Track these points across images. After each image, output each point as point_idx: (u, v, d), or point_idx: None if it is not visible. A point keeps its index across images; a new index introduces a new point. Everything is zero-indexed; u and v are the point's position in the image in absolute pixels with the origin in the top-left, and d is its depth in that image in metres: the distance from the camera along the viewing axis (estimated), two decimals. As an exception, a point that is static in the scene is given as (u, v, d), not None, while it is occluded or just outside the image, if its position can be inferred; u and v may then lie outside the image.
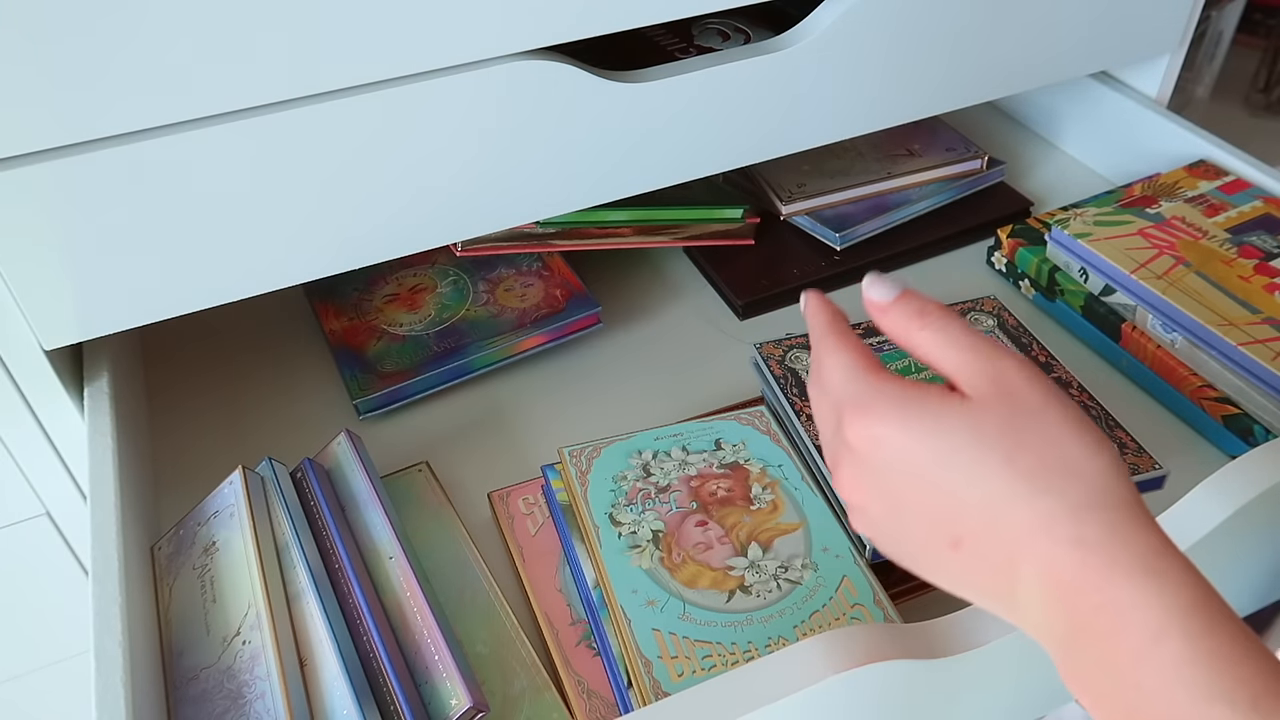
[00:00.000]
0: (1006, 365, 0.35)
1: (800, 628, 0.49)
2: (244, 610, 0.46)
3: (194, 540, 0.51)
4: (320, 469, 0.55)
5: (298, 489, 0.54)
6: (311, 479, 0.53)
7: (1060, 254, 0.69)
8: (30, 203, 0.46)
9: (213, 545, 0.50)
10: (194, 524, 0.52)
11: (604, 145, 0.58)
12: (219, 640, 0.46)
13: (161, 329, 0.55)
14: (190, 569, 0.50)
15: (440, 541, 0.55)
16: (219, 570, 0.49)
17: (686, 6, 0.55)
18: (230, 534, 0.49)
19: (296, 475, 0.54)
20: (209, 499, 0.52)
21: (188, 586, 0.49)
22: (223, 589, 0.48)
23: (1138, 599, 0.31)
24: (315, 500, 0.53)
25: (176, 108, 0.46)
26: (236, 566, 0.48)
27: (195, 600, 0.49)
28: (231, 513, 0.50)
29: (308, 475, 0.54)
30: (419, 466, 0.59)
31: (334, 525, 0.51)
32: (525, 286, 0.71)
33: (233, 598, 0.47)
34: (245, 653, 0.45)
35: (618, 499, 0.54)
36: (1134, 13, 0.72)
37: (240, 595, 0.47)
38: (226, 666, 0.45)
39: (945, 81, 0.67)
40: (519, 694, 0.48)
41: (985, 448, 0.34)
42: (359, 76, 0.49)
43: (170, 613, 0.49)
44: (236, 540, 0.49)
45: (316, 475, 0.54)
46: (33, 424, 0.56)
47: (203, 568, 0.49)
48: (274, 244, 0.53)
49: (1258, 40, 1.06)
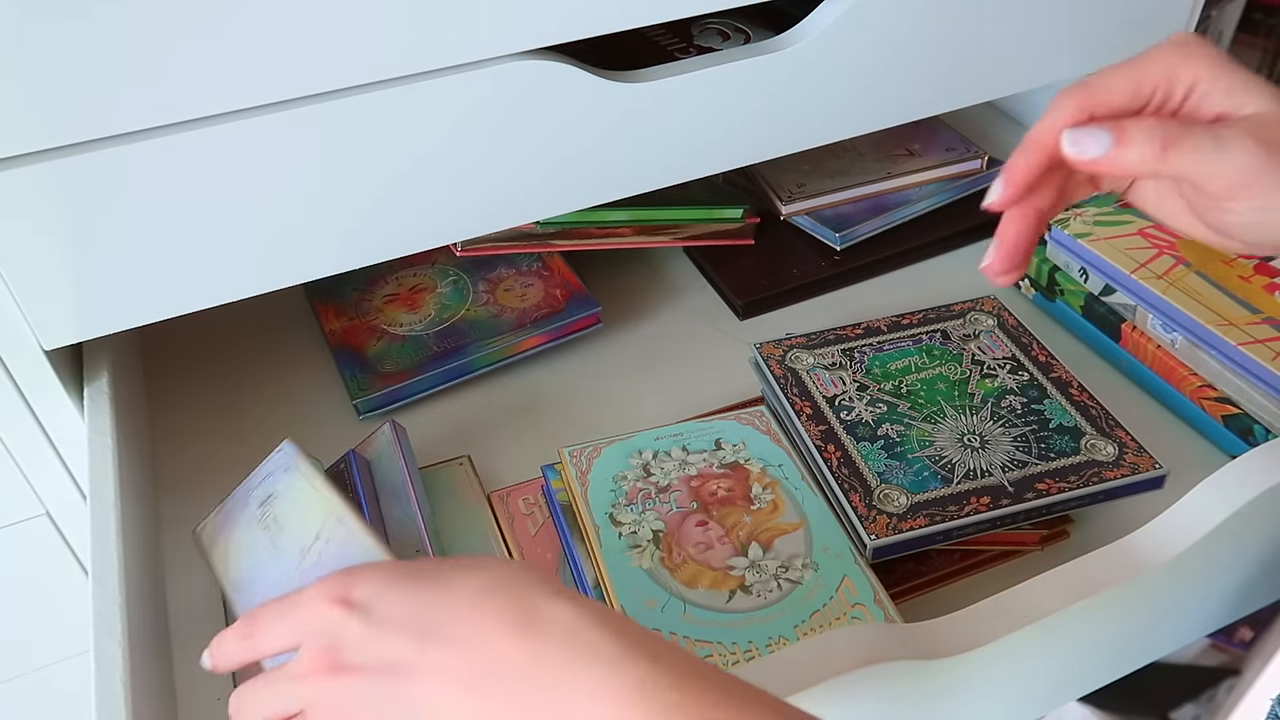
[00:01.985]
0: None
1: (801, 627, 0.49)
2: (320, 520, 0.45)
3: (247, 502, 0.49)
4: (362, 460, 0.56)
5: (338, 480, 0.54)
6: (353, 469, 0.54)
7: (1060, 254, 0.69)
8: (30, 203, 0.46)
9: (269, 498, 0.48)
10: (244, 492, 0.50)
11: (604, 145, 0.58)
12: (295, 553, 0.44)
13: (161, 329, 0.55)
14: (248, 523, 0.48)
15: (471, 535, 0.56)
16: (281, 511, 0.47)
17: (686, 6, 0.55)
18: (290, 480, 0.48)
19: (340, 467, 0.55)
20: (257, 470, 0.51)
21: (248, 536, 0.48)
22: (290, 520, 0.46)
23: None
24: (354, 490, 0.53)
25: (176, 108, 0.46)
26: (303, 497, 0.47)
27: (257, 540, 0.47)
28: (287, 467, 0.49)
29: (350, 466, 0.54)
30: (460, 460, 0.60)
31: (369, 518, 0.51)
32: (525, 286, 0.71)
33: (303, 520, 0.46)
34: (330, 549, 0.43)
35: (618, 499, 0.54)
36: (1134, 12, 0.72)
37: (312, 514, 0.45)
38: (309, 568, 0.43)
39: (945, 81, 0.67)
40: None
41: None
42: (359, 76, 0.49)
43: (228, 562, 0.47)
44: (298, 481, 0.47)
45: (358, 465, 0.55)
46: (33, 424, 0.56)
47: (263, 515, 0.48)
48: (274, 244, 0.53)
49: (1258, 40, 1.06)
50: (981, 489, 0.53)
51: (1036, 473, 0.54)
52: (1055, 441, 0.55)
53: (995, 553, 0.55)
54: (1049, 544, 0.56)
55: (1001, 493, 0.53)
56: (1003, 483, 0.53)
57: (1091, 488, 0.53)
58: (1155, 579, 0.46)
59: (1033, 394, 0.59)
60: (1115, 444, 0.55)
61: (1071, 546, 0.56)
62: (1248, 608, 0.57)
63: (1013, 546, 0.55)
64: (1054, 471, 0.54)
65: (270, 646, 0.37)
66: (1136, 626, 0.52)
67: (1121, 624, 0.50)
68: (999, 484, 0.53)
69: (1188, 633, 0.57)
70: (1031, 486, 0.53)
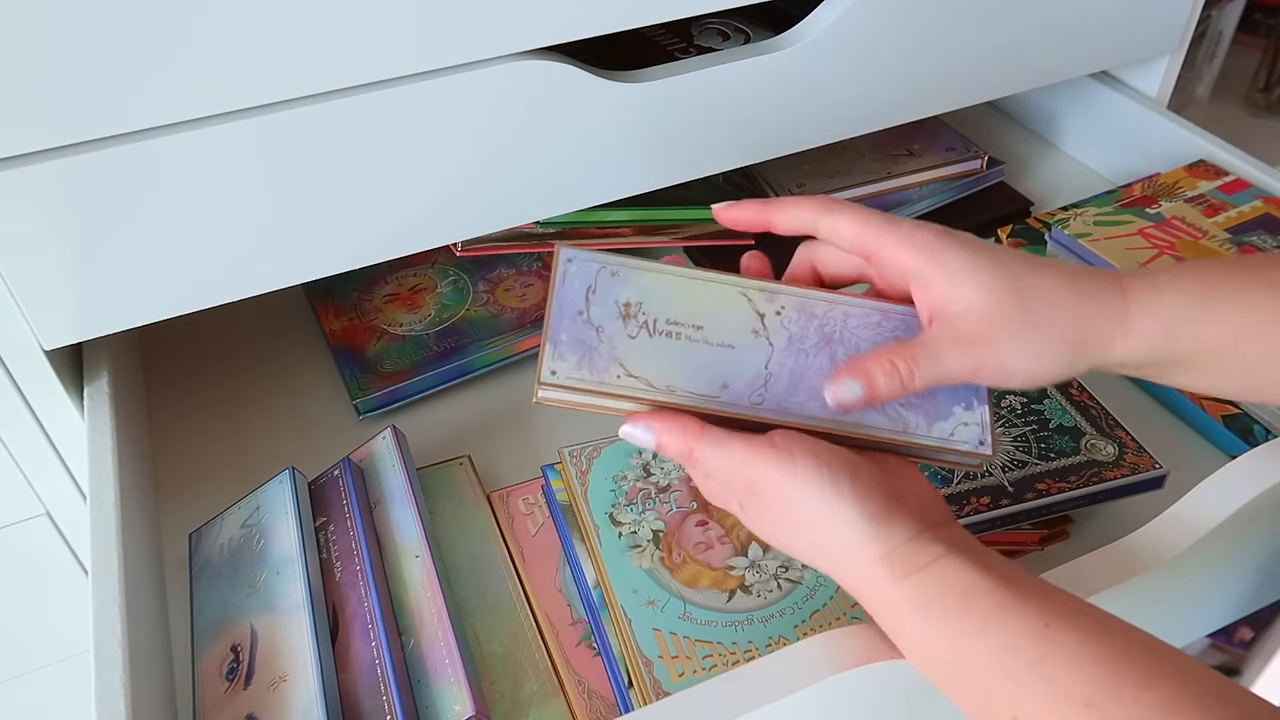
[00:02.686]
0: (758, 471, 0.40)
1: (801, 627, 0.49)
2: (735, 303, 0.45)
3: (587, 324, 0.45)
4: (356, 468, 0.55)
5: (333, 486, 0.54)
6: (347, 478, 0.54)
7: (1060, 254, 0.69)
8: (30, 203, 0.46)
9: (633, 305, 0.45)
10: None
11: (604, 145, 0.58)
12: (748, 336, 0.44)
13: (161, 329, 0.55)
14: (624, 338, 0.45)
15: (471, 536, 0.55)
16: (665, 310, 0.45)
17: (686, 6, 0.55)
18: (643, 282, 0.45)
19: (334, 473, 0.55)
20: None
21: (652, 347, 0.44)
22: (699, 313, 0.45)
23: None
24: (348, 499, 0.53)
25: (175, 108, 0.46)
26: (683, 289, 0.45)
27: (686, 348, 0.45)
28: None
29: (344, 474, 0.54)
30: (460, 460, 0.60)
31: (361, 526, 0.52)
32: (525, 286, 0.71)
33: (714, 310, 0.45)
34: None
35: (618, 499, 0.54)
36: (1134, 13, 0.72)
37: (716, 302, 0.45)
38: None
39: (945, 81, 0.67)
40: (527, 698, 0.48)
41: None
42: (359, 76, 0.49)
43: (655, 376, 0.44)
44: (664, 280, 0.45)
45: (352, 474, 0.54)
46: (33, 424, 0.56)
47: (642, 322, 0.45)
48: (274, 244, 0.53)
49: (1258, 40, 1.06)
50: (981, 489, 0.53)
51: (1036, 473, 0.54)
52: (1055, 441, 0.55)
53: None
54: (1049, 544, 0.56)
55: (1001, 493, 0.53)
56: (1002, 483, 0.53)
57: (1091, 488, 0.53)
58: (1155, 579, 0.46)
59: (1032, 394, 0.59)
60: (1115, 444, 0.55)
61: (1071, 546, 0.55)
62: (1248, 608, 0.57)
63: (1013, 546, 0.55)
64: (1054, 471, 0.54)
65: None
66: (1136, 626, 0.52)
67: (1121, 624, 0.50)
68: (999, 484, 0.53)
69: (1188, 633, 0.57)
70: (1031, 486, 0.53)
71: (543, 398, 0.42)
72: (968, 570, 0.38)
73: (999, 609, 0.37)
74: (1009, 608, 0.37)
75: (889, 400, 0.42)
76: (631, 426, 0.42)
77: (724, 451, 0.41)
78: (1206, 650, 0.87)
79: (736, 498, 0.42)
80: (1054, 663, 0.35)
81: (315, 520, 0.54)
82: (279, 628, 0.48)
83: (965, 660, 0.37)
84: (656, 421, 0.42)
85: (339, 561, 0.51)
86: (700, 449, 0.41)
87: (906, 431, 0.43)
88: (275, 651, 0.47)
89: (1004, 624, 0.36)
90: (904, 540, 0.39)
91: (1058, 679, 0.35)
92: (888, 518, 0.39)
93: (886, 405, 0.43)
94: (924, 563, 0.39)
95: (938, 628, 0.38)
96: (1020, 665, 0.35)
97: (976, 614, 0.37)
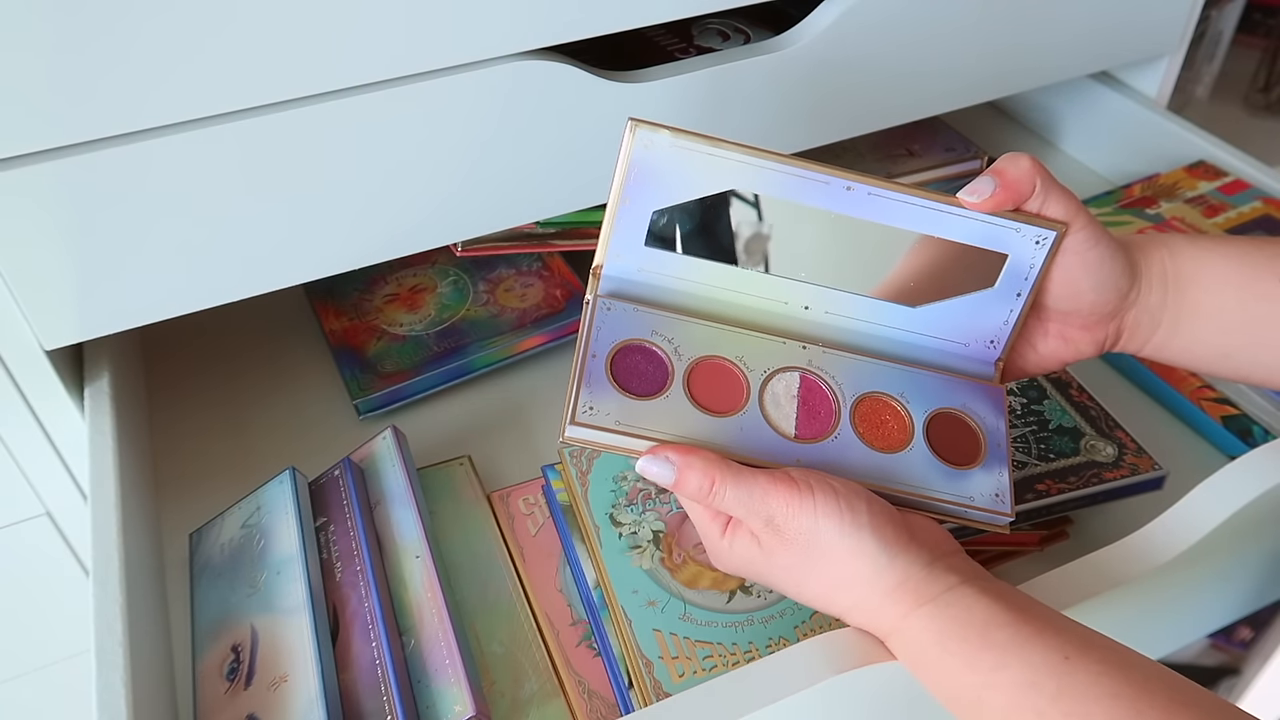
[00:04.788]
0: (773, 506, 0.41)
1: (801, 628, 0.49)
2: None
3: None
4: (356, 468, 0.55)
5: (333, 486, 0.54)
6: (348, 478, 0.54)
7: (1060, 254, 0.69)
8: (30, 203, 0.46)
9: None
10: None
11: (604, 145, 0.58)
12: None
13: (161, 329, 0.55)
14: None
15: (471, 536, 0.55)
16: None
17: (686, 6, 0.55)
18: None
19: (334, 473, 0.55)
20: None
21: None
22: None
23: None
24: (348, 499, 0.53)
25: (176, 108, 0.46)
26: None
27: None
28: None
29: (344, 474, 0.54)
30: (460, 460, 0.60)
31: (361, 526, 0.52)
32: (525, 286, 0.71)
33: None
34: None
35: (618, 499, 0.54)
36: (1134, 13, 0.72)
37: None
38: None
39: (945, 81, 0.67)
40: (528, 698, 0.48)
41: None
42: (359, 76, 0.49)
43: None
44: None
45: (352, 474, 0.54)
46: (33, 424, 0.56)
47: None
48: (274, 244, 0.53)
49: (1258, 40, 1.06)
50: (981, 489, 0.53)
51: (1036, 473, 0.54)
52: (1055, 442, 0.55)
53: (995, 553, 0.55)
54: (1049, 544, 0.56)
55: (1001, 493, 0.53)
56: (1003, 483, 0.53)
57: (1091, 488, 0.53)
58: (1155, 579, 0.46)
59: (1032, 394, 0.59)
60: (1115, 445, 0.55)
61: (1071, 547, 0.56)
62: (1248, 608, 0.57)
63: (1013, 547, 0.55)
64: (1054, 472, 0.54)
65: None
66: (1136, 627, 0.52)
67: (1121, 624, 0.50)
68: (999, 484, 0.53)
69: (1188, 633, 0.57)
70: (1031, 487, 0.53)
71: (570, 436, 0.42)
72: (983, 601, 0.38)
73: (1017, 642, 0.37)
74: (1028, 641, 0.37)
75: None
76: (649, 461, 0.42)
77: (744, 484, 0.41)
78: (1206, 650, 0.87)
79: (749, 533, 0.42)
80: (1074, 696, 0.35)
81: (315, 520, 0.54)
82: (279, 628, 0.48)
83: (985, 695, 0.37)
84: (676, 455, 0.41)
85: (339, 561, 0.51)
86: (722, 481, 0.41)
87: (928, 488, 0.44)
88: (276, 651, 0.47)
89: (1023, 657, 0.36)
90: (918, 569, 0.40)
91: (1078, 713, 0.35)
92: (903, 547, 0.40)
93: (914, 464, 0.44)
94: (938, 591, 0.39)
95: (956, 659, 0.38)
96: (1041, 700, 0.35)
97: (995, 647, 0.37)
